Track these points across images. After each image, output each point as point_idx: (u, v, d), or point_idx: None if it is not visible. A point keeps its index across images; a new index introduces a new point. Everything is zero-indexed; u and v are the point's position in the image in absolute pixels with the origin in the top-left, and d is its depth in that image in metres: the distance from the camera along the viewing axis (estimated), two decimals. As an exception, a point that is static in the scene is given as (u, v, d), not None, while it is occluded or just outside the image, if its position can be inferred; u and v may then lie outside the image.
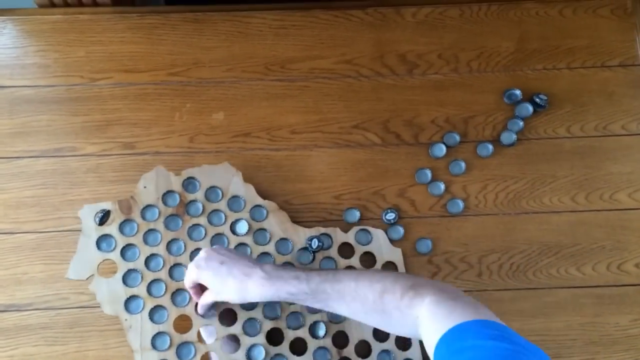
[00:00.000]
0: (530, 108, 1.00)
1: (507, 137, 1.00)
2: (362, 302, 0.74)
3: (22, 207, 0.97)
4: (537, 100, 1.00)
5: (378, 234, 0.96)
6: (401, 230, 0.97)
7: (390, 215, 0.97)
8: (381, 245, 0.96)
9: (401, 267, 0.95)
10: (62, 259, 0.95)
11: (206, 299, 0.84)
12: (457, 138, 1.00)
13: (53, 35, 1.03)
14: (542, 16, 1.06)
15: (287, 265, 0.77)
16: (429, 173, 0.99)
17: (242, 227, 0.95)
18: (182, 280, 0.92)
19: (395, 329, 0.76)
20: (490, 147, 1.00)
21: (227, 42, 1.03)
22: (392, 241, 0.96)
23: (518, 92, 1.01)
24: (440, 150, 1.00)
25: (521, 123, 1.00)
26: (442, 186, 0.99)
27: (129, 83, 1.02)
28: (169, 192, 0.95)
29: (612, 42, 1.04)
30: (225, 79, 1.02)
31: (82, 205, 0.95)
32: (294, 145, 1.00)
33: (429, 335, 0.66)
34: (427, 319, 0.68)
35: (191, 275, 0.83)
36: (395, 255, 0.96)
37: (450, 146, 1.00)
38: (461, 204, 0.98)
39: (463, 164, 0.99)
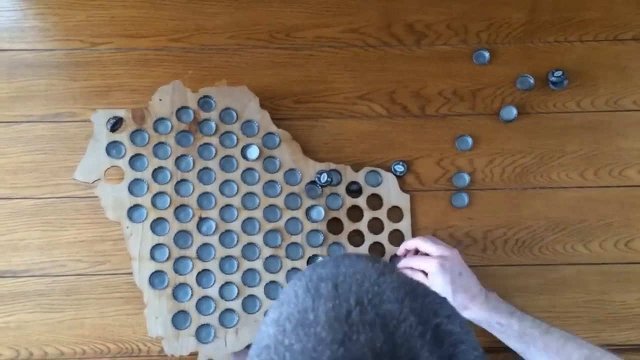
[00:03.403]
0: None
1: (507, 113, 0.97)
2: (564, 359, 0.75)
3: (20, 172, 0.95)
4: (553, 78, 0.97)
5: (388, 177, 0.95)
6: (465, 198, 0.96)
7: (400, 168, 0.96)
8: (390, 189, 0.95)
9: (407, 215, 0.94)
10: (59, 225, 0.94)
11: (430, 266, 0.84)
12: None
13: (53, -2, 1.01)
14: (554, -13, 1.04)
15: (509, 303, 0.84)
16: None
17: (253, 152, 0.94)
18: (187, 196, 0.92)
19: None
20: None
21: (231, 8, 1.01)
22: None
23: (532, 79, 0.98)
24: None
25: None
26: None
27: (129, 48, 0.99)
28: (184, 108, 0.94)
29: (625, 14, 1.01)
30: (229, 46, 1.00)
31: (80, 172, 0.94)
32: (297, 115, 0.98)
33: None
34: None
35: (427, 264, 0.82)
36: (403, 200, 0.95)
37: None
38: (467, 178, 0.96)
39: (470, 140, 0.97)
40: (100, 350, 0.92)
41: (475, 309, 0.81)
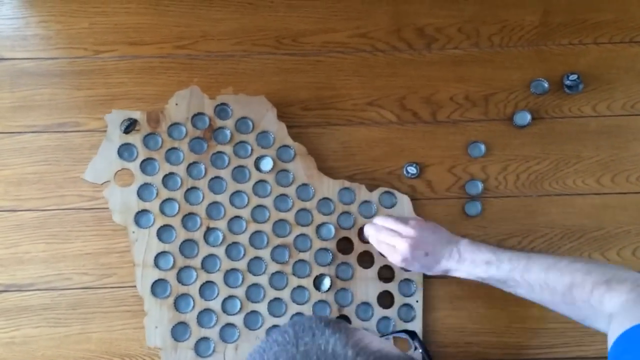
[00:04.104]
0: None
1: (521, 118, 0.95)
2: (551, 293, 0.74)
3: (23, 184, 0.94)
4: (568, 82, 0.94)
5: (403, 199, 0.93)
6: (478, 206, 0.94)
7: (412, 170, 0.94)
8: (404, 211, 0.92)
9: None
10: (64, 238, 0.92)
11: (395, 262, 0.86)
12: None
13: (55, 6, 0.98)
14: (567, -12, 1.01)
15: (481, 244, 0.83)
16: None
17: (267, 164, 0.92)
18: (196, 204, 0.91)
19: (587, 322, 0.73)
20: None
21: (237, 13, 0.99)
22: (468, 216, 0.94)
23: (546, 83, 0.96)
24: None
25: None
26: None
27: (134, 56, 0.97)
28: (200, 114, 0.93)
29: (642, 16, 0.98)
30: (235, 53, 0.98)
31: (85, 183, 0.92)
32: (305, 123, 0.96)
33: (614, 331, 0.61)
34: (620, 315, 0.63)
35: (395, 258, 0.84)
36: None
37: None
38: (480, 185, 0.94)
39: (482, 146, 0.95)
40: (107, 365, 0.90)
41: (455, 274, 0.83)
